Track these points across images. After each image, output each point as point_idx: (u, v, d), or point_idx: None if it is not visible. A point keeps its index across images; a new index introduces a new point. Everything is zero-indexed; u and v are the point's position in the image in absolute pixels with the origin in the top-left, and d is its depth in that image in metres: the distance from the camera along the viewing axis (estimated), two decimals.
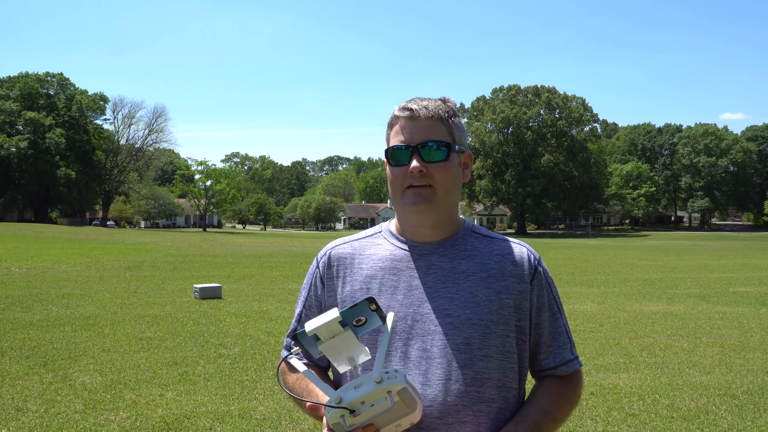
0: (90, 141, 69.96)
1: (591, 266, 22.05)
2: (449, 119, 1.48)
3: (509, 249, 1.51)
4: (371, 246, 1.56)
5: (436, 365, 1.40)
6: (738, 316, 10.69)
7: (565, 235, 70.86)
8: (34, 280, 14.20)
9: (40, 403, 5.18)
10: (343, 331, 1.27)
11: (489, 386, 1.41)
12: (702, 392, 5.92)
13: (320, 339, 1.28)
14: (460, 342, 1.41)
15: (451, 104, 1.52)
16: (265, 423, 4.87)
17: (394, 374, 1.26)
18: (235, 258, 23.84)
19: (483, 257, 1.49)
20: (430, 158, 1.44)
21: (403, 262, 1.50)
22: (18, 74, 70.10)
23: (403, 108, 1.48)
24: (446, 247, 1.50)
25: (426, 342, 1.42)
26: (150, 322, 9.13)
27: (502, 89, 77.60)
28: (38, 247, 25.35)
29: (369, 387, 1.25)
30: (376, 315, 1.28)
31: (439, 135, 1.46)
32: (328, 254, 1.58)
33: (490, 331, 1.42)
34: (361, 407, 1.25)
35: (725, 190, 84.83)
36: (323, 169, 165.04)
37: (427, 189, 1.44)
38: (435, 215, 1.47)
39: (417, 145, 1.44)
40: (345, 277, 1.54)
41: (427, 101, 1.49)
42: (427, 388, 1.40)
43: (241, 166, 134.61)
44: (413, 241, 1.51)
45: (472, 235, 1.54)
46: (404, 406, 1.28)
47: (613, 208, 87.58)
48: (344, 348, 1.30)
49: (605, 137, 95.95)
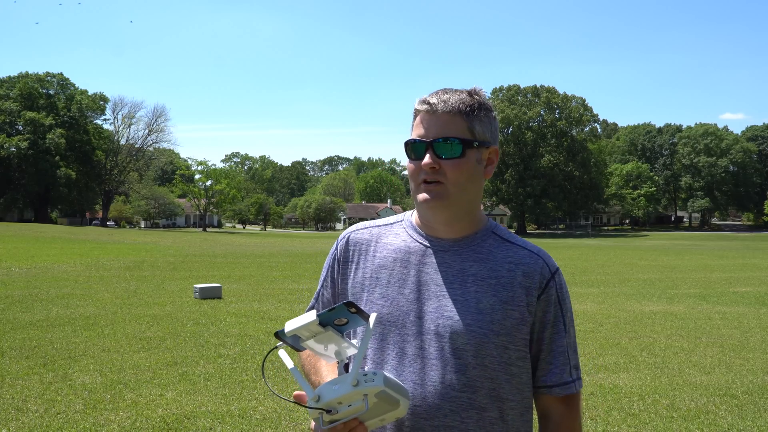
0: (90, 141, 69.96)
1: (591, 266, 22.05)
2: (472, 113, 1.43)
3: (524, 258, 1.46)
4: (389, 234, 1.55)
5: (430, 366, 1.40)
6: (738, 316, 10.69)
7: (565, 235, 70.87)
8: (34, 280, 14.20)
9: (40, 403, 5.18)
10: (324, 331, 1.28)
11: (481, 394, 1.39)
12: (702, 392, 5.92)
13: (301, 338, 1.28)
14: (458, 347, 1.39)
15: (479, 97, 1.46)
16: (265, 423, 4.86)
17: (372, 377, 1.25)
18: (235, 258, 23.84)
19: (496, 262, 1.45)
20: (444, 154, 1.41)
21: (415, 256, 1.48)
22: (18, 74, 70.16)
23: (422, 101, 1.45)
24: (461, 246, 1.47)
25: (425, 341, 1.41)
26: (150, 322, 9.13)
27: (502, 89, 77.65)
28: (38, 247, 25.36)
29: (346, 389, 1.25)
30: (357, 316, 1.28)
31: (456, 130, 1.41)
32: (347, 237, 1.58)
33: (489, 340, 1.39)
34: (338, 407, 1.26)
35: (725, 190, 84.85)
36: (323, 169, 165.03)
37: (438, 186, 1.41)
38: (447, 212, 1.44)
39: (432, 140, 1.41)
40: (359, 262, 1.54)
41: (450, 94, 1.44)
42: (419, 388, 1.39)
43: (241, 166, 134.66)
44: (429, 236, 1.49)
45: (492, 236, 1.50)
46: (386, 405, 1.28)
47: (613, 208, 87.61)
48: (329, 344, 1.30)
49: (605, 137, 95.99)
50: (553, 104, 74.00)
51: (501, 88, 77.95)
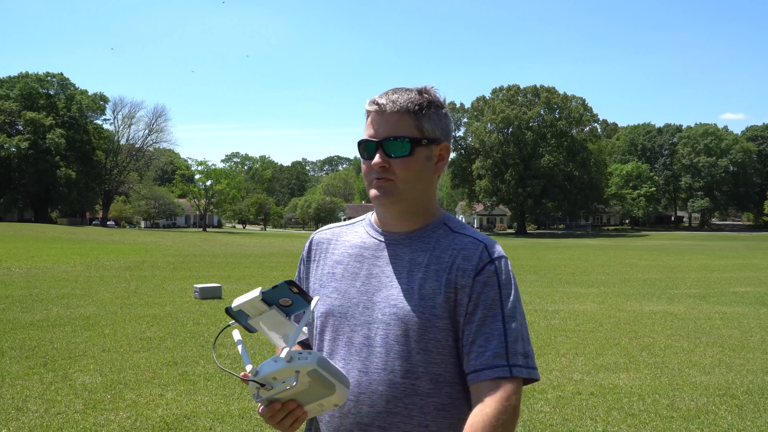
0: (90, 141, 69.97)
1: (591, 266, 22.05)
2: (420, 111, 1.45)
3: (468, 244, 1.47)
4: (349, 233, 1.61)
5: (375, 354, 1.42)
6: (738, 316, 10.69)
7: (565, 235, 70.86)
8: (34, 280, 14.20)
9: (40, 403, 5.18)
10: (269, 310, 1.31)
11: (425, 380, 1.41)
12: (702, 392, 5.92)
13: (249, 315, 1.32)
14: (400, 333, 1.41)
15: (428, 95, 1.48)
16: (265, 423, 4.85)
17: (306, 355, 1.29)
18: (235, 258, 23.84)
19: (441, 250, 1.48)
20: (393, 153, 1.44)
21: (369, 251, 1.53)
22: (18, 74, 70.22)
23: (372, 102, 1.48)
24: (413, 238, 1.50)
25: (371, 330, 1.44)
26: (150, 322, 9.13)
27: (502, 89, 77.65)
28: (38, 247, 25.36)
29: (281, 364, 1.28)
30: (300, 297, 1.32)
31: (404, 130, 1.44)
32: (312, 238, 1.66)
33: (431, 324, 1.41)
34: (273, 382, 1.29)
35: (725, 190, 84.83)
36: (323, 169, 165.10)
37: (388, 183, 1.45)
38: (397, 207, 1.48)
39: (381, 139, 1.45)
40: (320, 261, 1.60)
41: (399, 94, 1.46)
42: (364, 376, 1.42)
43: (241, 166, 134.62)
44: (384, 231, 1.54)
45: (443, 228, 1.52)
46: (321, 388, 1.30)
47: (613, 208, 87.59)
48: (275, 326, 1.34)
49: (605, 137, 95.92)
50: (553, 104, 73.99)
51: (501, 88, 77.94)
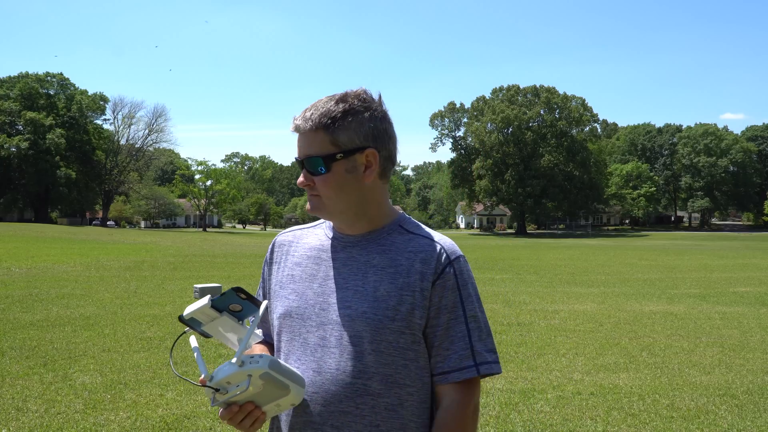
0: (90, 141, 69.96)
1: (591, 266, 22.06)
2: (334, 125, 1.41)
3: (425, 246, 1.48)
4: (309, 235, 1.62)
5: (329, 355, 1.44)
6: (738, 316, 10.69)
7: (565, 235, 70.85)
8: (34, 280, 14.20)
9: (40, 403, 5.18)
10: (220, 316, 1.34)
11: (376, 381, 1.42)
12: (702, 392, 5.92)
13: (202, 322, 1.34)
14: (353, 334, 1.43)
15: (345, 103, 1.43)
16: (265, 423, 4.85)
17: (258, 359, 1.31)
18: (235, 258, 23.85)
19: (396, 252, 1.48)
20: (313, 171, 1.45)
21: (326, 253, 1.54)
22: (18, 74, 70.17)
23: (292, 120, 1.48)
24: (368, 240, 1.51)
25: (326, 331, 1.46)
26: (150, 322, 9.13)
27: (502, 89, 77.67)
28: (38, 247, 25.35)
29: (233, 369, 1.31)
30: (249, 302, 1.34)
31: (318, 148, 1.42)
32: (275, 240, 1.67)
33: (384, 326, 1.42)
34: (227, 386, 1.32)
35: (725, 190, 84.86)
36: None
37: (316, 198, 1.48)
38: (332, 219, 1.52)
39: (301, 159, 1.46)
40: (281, 262, 1.61)
41: (314, 109, 1.43)
42: (317, 376, 1.44)
43: (241, 166, 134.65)
44: (340, 234, 1.55)
45: (398, 230, 1.52)
46: (275, 389, 1.34)
47: (613, 208, 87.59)
48: (228, 331, 1.37)
49: (605, 137, 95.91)
50: (553, 104, 73.97)
51: (501, 88, 77.96)
